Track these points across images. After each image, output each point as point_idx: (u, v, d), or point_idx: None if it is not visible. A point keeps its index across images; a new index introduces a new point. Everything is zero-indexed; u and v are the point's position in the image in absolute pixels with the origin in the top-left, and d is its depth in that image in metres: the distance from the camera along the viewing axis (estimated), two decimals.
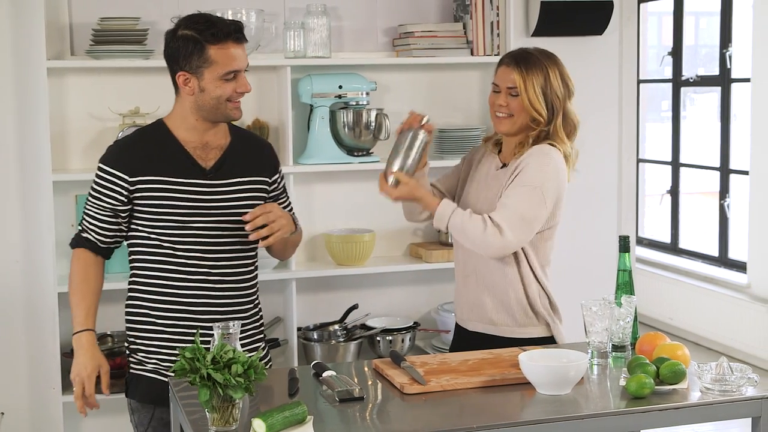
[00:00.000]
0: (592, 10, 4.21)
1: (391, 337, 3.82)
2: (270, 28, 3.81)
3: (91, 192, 2.76)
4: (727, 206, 6.64)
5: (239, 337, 2.33)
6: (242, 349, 2.26)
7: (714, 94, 7.02)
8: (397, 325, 3.89)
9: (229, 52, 2.66)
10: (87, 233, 2.77)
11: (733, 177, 6.63)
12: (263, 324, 2.95)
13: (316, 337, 3.81)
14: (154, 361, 2.75)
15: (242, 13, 3.60)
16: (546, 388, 2.35)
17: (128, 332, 2.81)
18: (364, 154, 3.87)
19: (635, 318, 2.63)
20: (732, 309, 6.11)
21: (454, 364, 2.56)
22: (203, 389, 2.09)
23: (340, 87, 3.80)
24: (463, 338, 2.95)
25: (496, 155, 2.94)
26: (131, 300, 2.81)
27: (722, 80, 6.63)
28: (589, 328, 2.56)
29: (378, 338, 3.82)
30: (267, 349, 2.93)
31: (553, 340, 2.87)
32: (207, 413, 2.15)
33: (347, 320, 3.88)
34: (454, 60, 3.95)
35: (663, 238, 7.39)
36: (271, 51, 3.84)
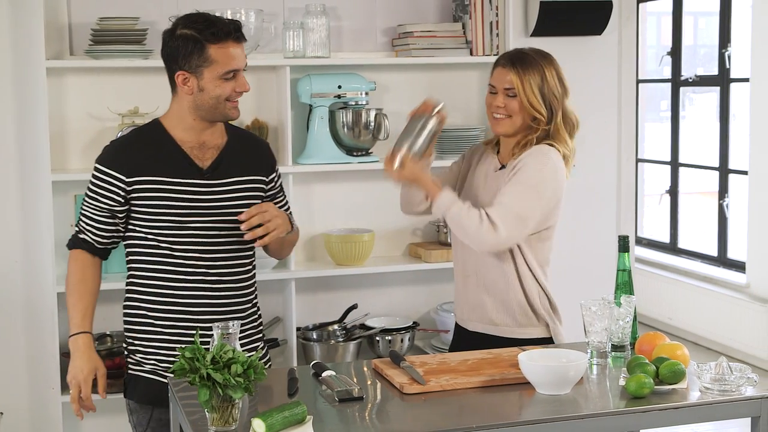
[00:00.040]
0: (591, 10, 4.21)
1: (390, 337, 3.81)
2: (269, 28, 3.81)
3: (87, 193, 2.75)
4: (726, 206, 6.64)
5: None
6: (241, 349, 2.26)
7: (713, 94, 7.02)
8: (396, 325, 3.89)
9: (229, 52, 2.65)
10: (84, 234, 2.77)
11: (732, 177, 6.63)
12: (261, 323, 2.94)
13: (315, 337, 3.81)
14: (152, 361, 2.74)
15: (241, 13, 3.60)
16: (545, 387, 2.35)
17: (126, 333, 2.81)
18: (364, 154, 3.86)
19: (635, 318, 2.63)
20: (731, 309, 6.11)
21: (454, 364, 2.56)
22: (203, 389, 2.09)
23: (340, 87, 3.80)
24: (462, 338, 2.94)
25: (495, 156, 2.94)
26: (129, 301, 2.80)
27: (721, 80, 6.62)
28: (589, 328, 2.56)
29: (377, 338, 3.82)
30: (266, 348, 2.93)
31: (553, 341, 2.86)
32: (206, 413, 2.14)
33: (346, 320, 3.89)
34: (453, 60, 3.95)
35: (662, 238, 7.38)
36: (270, 51, 3.83)
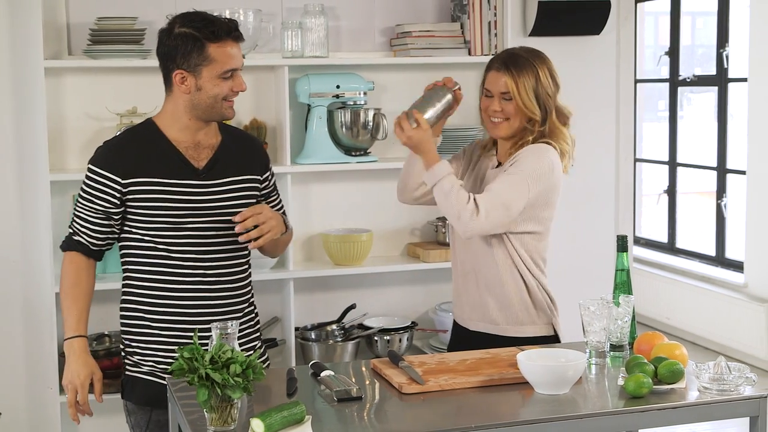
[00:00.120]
0: (590, 9, 4.21)
1: (388, 337, 3.81)
2: (267, 27, 3.81)
3: (81, 194, 2.72)
4: (724, 206, 6.64)
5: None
6: (239, 349, 2.26)
7: (711, 93, 7.03)
8: (394, 325, 3.88)
9: (228, 51, 2.65)
10: (78, 236, 2.74)
11: (730, 177, 6.63)
12: (259, 323, 2.93)
13: (313, 336, 3.81)
14: (150, 363, 2.73)
15: (240, 13, 3.60)
16: (544, 387, 2.35)
17: (123, 335, 2.79)
18: (362, 154, 3.86)
19: (633, 317, 2.63)
20: (729, 308, 6.11)
21: (453, 363, 2.56)
22: (202, 389, 2.09)
23: (338, 87, 3.80)
24: (462, 338, 2.94)
25: (494, 155, 2.94)
26: (125, 303, 2.78)
27: (719, 80, 6.63)
28: (587, 328, 2.56)
29: (376, 338, 3.82)
30: (264, 348, 2.93)
31: (556, 338, 2.86)
32: (205, 413, 2.14)
33: (345, 320, 3.88)
34: (452, 60, 3.95)
35: (660, 238, 7.39)
36: (268, 51, 3.83)
